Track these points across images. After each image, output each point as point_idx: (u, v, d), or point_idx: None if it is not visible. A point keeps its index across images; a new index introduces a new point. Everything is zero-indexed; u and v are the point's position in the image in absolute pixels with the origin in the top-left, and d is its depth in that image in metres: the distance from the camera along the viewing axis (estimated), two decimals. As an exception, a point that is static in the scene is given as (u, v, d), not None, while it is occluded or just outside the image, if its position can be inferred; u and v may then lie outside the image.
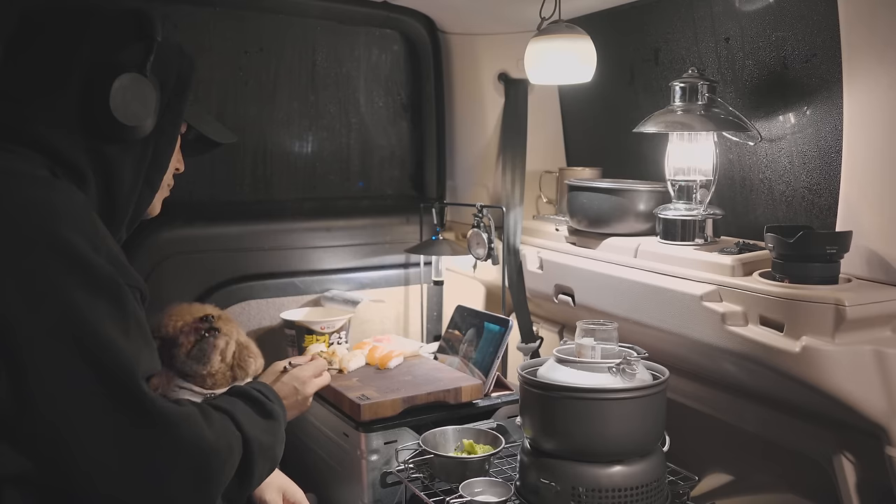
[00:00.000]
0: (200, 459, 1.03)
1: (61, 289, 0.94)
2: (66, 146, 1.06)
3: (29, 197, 0.98)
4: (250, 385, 1.32)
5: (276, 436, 1.25)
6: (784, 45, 1.64)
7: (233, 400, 1.21)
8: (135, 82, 1.08)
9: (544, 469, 1.42)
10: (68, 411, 0.94)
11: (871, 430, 1.32)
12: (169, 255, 2.07)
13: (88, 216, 1.02)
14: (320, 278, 2.31)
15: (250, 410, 1.21)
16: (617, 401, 1.38)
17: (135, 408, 0.97)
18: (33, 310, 0.92)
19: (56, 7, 1.11)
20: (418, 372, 1.92)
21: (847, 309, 1.27)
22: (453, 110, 2.45)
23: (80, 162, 1.07)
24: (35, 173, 1.02)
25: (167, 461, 1.00)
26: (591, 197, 1.85)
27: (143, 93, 1.09)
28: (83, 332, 0.94)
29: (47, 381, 0.92)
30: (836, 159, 1.53)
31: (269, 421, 1.24)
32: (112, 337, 0.96)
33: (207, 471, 1.05)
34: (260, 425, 1.20)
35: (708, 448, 1.74)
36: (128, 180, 1.12)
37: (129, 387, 0.96)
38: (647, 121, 1.67)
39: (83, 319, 0.94)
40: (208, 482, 1.05)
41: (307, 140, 2.39)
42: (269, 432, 1.22)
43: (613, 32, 2.06)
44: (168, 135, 1.16)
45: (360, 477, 1.69)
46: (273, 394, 1.31)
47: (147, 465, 0.98)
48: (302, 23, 2.31)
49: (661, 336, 1.62)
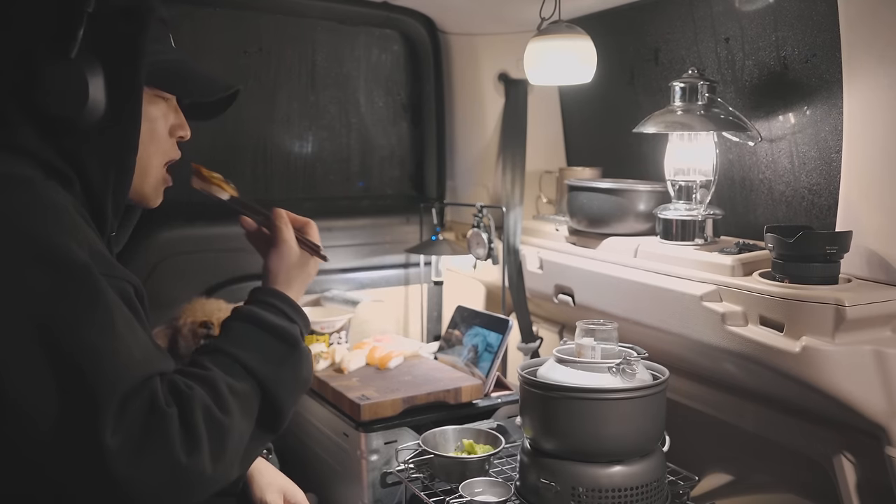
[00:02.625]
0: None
1: (19, 276, 0.87)
2: (34, 147, 1.00)
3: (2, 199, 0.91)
4: (254, 306, 1.14)
5: (293, 356, 1.12)
6: (784, 45, 1.64)
7: (239, 341, 1.07)
8: (62, 68, 0.98)
9: (544, 469, 1.42)
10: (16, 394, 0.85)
11: (871, 430, 1.32)
12: (169, 255, 2.07)
13: (57, 213, 0.94)
14: (320, 278, 2.31)
15: (260, 345, 1.08)
16: (617, 401, 1.38)
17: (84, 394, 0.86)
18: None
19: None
20: (418, 372, 1.92)
21: (847, 309, 1.27)
22: (453, 110, 2.45)
23: (55, 161, 1.01)
24: (12, 172, 0.96)
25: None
26: (591, 197, 1.85)
27: (72, 77, 0.98)
28: (44, 320, 0.87)
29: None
30: (836, 159, 1.53)
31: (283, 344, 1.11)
32: (72, 324, 0.88)
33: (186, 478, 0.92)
34: (273, 356, 1.08)
35: (708, 448, 1.74)
36: (97, 169, 1.03)
37: (87, 372, 0.87)
38: (647, 121, 1.67)
39: (44, 308, 0.87)
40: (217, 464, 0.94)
41: (307, 140, 2.39)
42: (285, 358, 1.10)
43: (613, 32, 2.06)
44: (127, 112, 1.03)
45: (360, 477, 1.69)
46: (276, 296, 1.15)
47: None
48: (302, 23, 2.31)
49: (661, 336, 1.62)
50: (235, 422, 0.98)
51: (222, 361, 1.03)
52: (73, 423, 0.86)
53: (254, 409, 1.03)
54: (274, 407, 1.05)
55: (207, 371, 1.00)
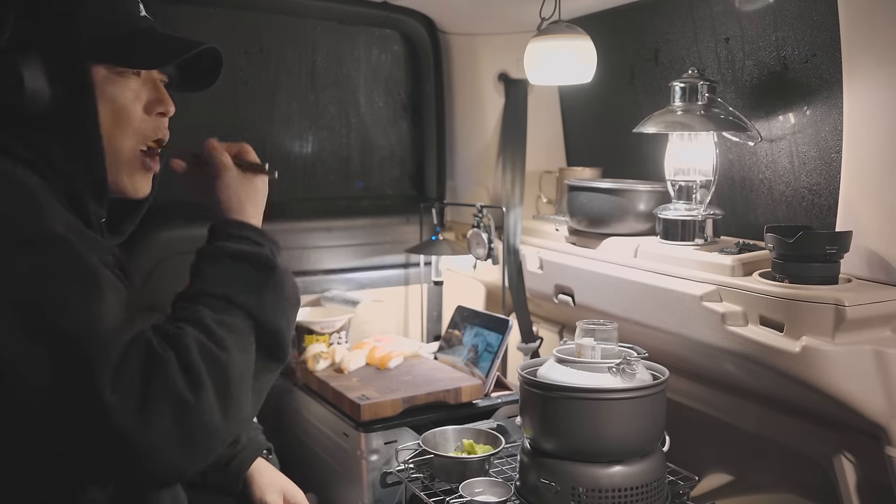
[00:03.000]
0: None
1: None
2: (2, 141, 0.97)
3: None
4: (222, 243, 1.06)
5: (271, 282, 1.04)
6: (784, 45, 1.64)
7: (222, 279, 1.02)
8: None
9: (544, 469, 1.42)
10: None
11: (871, 430, 1.32)
12: (169, 255, 2.06)
13: (29, 193, 0.92)
14: (320, 278, 2.31)
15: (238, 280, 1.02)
16: (617, 401, 1.38)
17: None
18: None
19: None
20: (418, 372, 1.92)
21: (847, 309, 1.27)
22: (453, 110, 2.45)
23: (20, 150, 0.97)
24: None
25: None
26: (591, 197, 1.85)
27: (4, 68, 0.94)
28: (30, 300, 0.85)
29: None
30: (836, 159, 1.53)
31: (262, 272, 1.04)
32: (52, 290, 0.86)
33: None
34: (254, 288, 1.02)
35: (708, 448, 1.74)
36: (62, 158, 0.99)
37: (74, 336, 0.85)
38: (647, 121, 1.67)
39: (28, 288, 0.85)
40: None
41: (307, 140, 2.39)
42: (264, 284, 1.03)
43: (613, 32, 2.06)
44: (77, 96, 0.98)
45: (360, 477, 1.69)
46: (243, 228, 1.08)
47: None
48: (302, 23, 2.31)
49: (661, 336, 1.62)
50: (234, 355, 0.94)
51: (204, 301, 0.99)
52: (72, 390, 0.84)
53: (250, 341, 0.99)
54: (269, 333, 1.00)
55: (194, 312, 0.97)
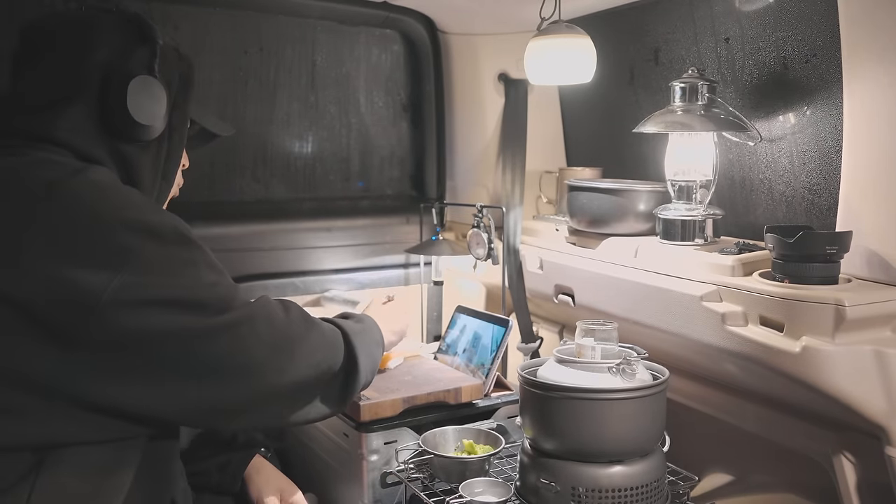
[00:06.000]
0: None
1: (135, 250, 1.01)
2: (87, 147, 1.12)
3: (82, 181, 1.05)
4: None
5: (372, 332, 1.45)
6: (784, 45, 1.64)
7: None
8: (147, 84, 1.14)
9: (544, 469, 1.42)
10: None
11: (871, 430, 1.32)
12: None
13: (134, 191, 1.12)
14: (320, 278, 2.31)
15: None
16: (617, 401, 1.38)
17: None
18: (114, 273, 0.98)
19: (59, 21, 1.16)
20: (418, 372, 1.92)
21: (847, 309, 1.27)
22: (453, 110, 2.45)
23: (106, 161, 1.14)
24: (74, 164, 1.09)
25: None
26: (591, 197, 1.85)
27: (155, 93, 1.15)
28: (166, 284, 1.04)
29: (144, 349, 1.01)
30: (836, 159, 1.53)
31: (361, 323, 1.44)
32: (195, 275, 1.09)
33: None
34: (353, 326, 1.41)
35: (708, 448, 1.74)
36: (147, 176, 1.19)
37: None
38: (647, 121, 1.67)
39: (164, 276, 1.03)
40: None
41: (307, 140, 2.39)
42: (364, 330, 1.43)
43: (613, 32, 2.06)
44: (178, 131, 1.23)
45: (360, 477, 1.69)
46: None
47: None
48: (302, 23, 2.31)
49: (661, 336, 1.62)
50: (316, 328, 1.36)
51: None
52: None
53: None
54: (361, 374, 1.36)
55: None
